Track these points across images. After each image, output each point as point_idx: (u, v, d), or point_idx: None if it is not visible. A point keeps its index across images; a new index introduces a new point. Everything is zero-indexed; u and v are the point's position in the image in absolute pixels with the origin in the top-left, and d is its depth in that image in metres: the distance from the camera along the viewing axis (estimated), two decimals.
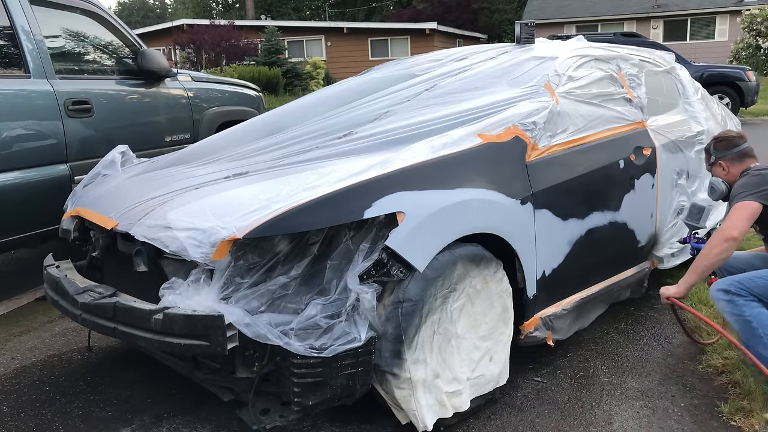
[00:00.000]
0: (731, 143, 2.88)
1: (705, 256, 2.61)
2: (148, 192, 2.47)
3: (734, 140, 2.89)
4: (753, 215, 2.56)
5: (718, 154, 2.88)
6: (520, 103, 2.75)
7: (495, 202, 2.38)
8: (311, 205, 2.03)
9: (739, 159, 2.83)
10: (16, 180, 3.36)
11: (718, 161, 2.89)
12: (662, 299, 2.79)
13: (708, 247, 2.61)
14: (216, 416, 2.47)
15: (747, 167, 2.80)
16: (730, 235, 2.53)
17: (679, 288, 2.72)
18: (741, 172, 2.79)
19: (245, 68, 17.34)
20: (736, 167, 2.83)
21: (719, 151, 2.88)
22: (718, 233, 2.58)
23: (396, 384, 2.11)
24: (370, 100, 3.08)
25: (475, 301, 2.34)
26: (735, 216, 2.57)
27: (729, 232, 2.53)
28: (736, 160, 2.83)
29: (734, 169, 2.84)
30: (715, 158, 2.89)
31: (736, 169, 2.83)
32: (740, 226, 2.54)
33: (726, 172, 2.86)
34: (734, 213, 2.59)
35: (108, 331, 2.18)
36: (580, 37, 3.95)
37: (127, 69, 4.25)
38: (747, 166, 2.81)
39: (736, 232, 2.53)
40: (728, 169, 2.85)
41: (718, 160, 2.88)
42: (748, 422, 2.34)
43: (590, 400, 2.56)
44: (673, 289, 2.74)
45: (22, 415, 2.53)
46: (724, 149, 2.87)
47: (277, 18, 32.05)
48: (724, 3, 24.12)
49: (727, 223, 2.58)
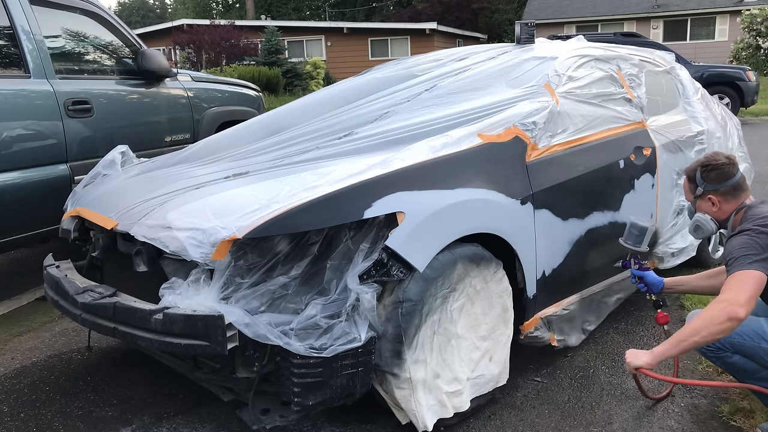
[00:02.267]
0: (724, 174, 2.35)
1: (697, 330, 2.06)
2: (148, 192, 2.47)
3: (727, 170, 2.36)
4: (760, 288, 2.08)
5: (709, 186, 2.37)
6: (520, 103, 2.75)
7: (495, 202, 2.38)
8: (311, 205, 2.03)
9: (734, 193, 2.34)
10: (16, 180, 3.36)
11: (707, 195, 2.38)
12: (628, 368, 2.20)
13: (703, 322, 2.06)
14: (216, 416, 2.47)
15: (741, 204, 2.34)
16: (737, 315, 2.01)
17: (652, 359, 2.16)
18: (735, 210, 2.34)
19: (245, 68, 17.35)
20: (730, 203, 2.35)
21: (710, 183, 2.37)
22: (720, 307, 2.04)
23: (396, 384, 2.11)
24: (370, 101, 3.07)
25: (475, 301, 2.34)
26: (741, 290, 2.06)
27: (735, 310, 2.01)
28: (730, 194, 2.34)
29: (727, 205, 2.35)
30: (704, 191, 2.38)
31: (729, 205, 2.35)
32: (747, 304, 2.03)
33: (717, 208, 2.36)
34: (739, 285, 2.07)
35: (108, 331, 2.17)
36: (580, 37, 3.95)
37: (127, 69, 4.25)
38: (741, 203, 2.34)
39: (743, 312, 2.01)
40: (720, 205, 2.36)
41: (708, 194, 2.37)
42: (748, 422, 2.35)
43: (590, 400, 2.56)
44: (644, 358, 2.17)
45: (22, 415, 2.53)
46: (716, 181, 2.35)
47: (277, 18, 32.08)
48: (724, 3, 24.12)
49: (730, 296, 2.05)
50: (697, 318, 2.10)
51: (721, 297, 2.09)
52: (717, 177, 2.36)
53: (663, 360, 2.19)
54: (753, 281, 2.07)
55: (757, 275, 2.07)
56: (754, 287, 2.06)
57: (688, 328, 2.10)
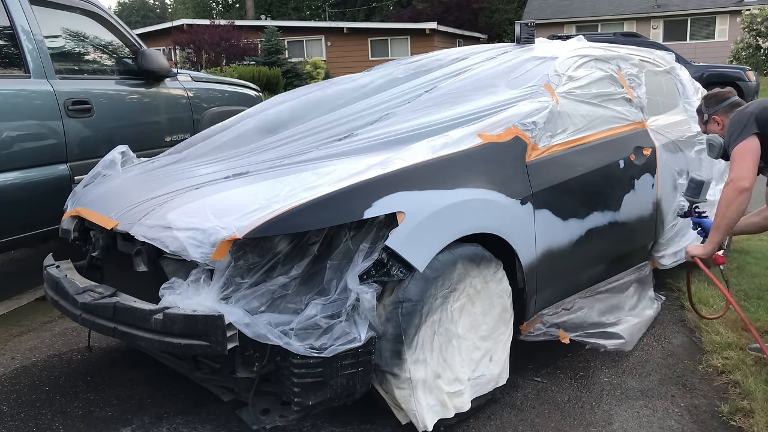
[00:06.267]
0: (721, 97, 2.87)
1: (722, 214, 2.56)
2: (148, 192, 2.47)
3: (724, 94, 2.88)
4: (755, 155, 2.50)
5: (711, 110, 2.88)
6: (520, 103, 2.75)
7: (495, 202, 2.38)
8: (311, 205, 2.03)
9: (732, 110, 2.79)
10: (16, 180, 3.35)
11: (711, 117, 2.88)
12: (687, 256, 2.78)
13: (723, 204, 2.55)
14: (216, 416, 2.47)
15: None
16: (742, 186, 2.47)
17: (705, 248, 2.70)
18: None
19: (245, 68, 17.35)
20: None
21: (711, 107, 2.88)
22: (728, 188, 2.52)
23: (396, 384, 2.11)
24: (370, 101, 3.07)
25: (475, 301, 2.34)
26: (738, 164, 2.51)
27: (740, 183, 2.48)
28: (730, 112, 2.80)
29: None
30: (708, 115, 2.88)
31: None
32: (748, 173, 2.47)
33: (721, 126, 2.83)
34: (736, 161, 2.52)
35: (108, 331, 2.17)
36: (580, 37, 3.95)
37: (127, 69, 4.25)
38: None
39: (746, 183, 2.47)
40: (723, 122, 2.82)
41: (712, 116, 2.87)
42: (748, 422, 2.34)
43: (590, 400, 2.56)
44: (699, 249, 2.72)
45: (22, 415, 2.53)
46: (716, 104, 2.87)
47: (277, 18, 32.06)
48: (724, 3, 24.11)
49: (733, 175, 2.51)
50: (719, 204, 2.59)
51: (727, 179, 2.56)
52: (716, 100, 2.88)
53: (715, 247, 2.67)
54: (748, 150, 2.50)
55: (749, 143, 2.50)
56: (750, 155, 2.50)
57: (717, 216, 2.60)
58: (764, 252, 4.30)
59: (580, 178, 2.78)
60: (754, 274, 3.80)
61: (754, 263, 4.05)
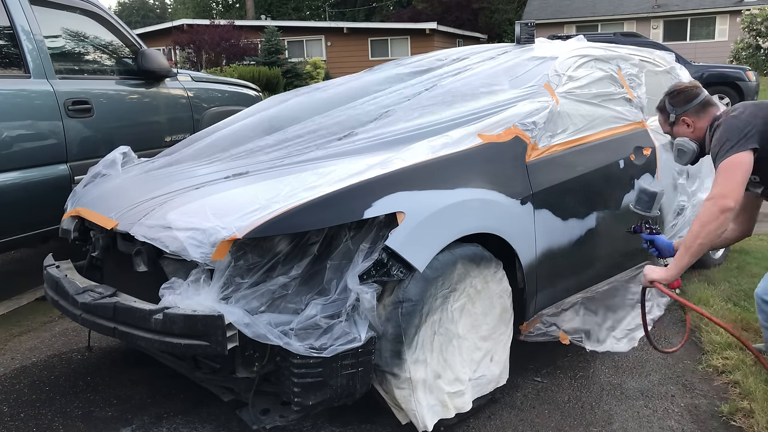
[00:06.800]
0: (690, 95, 2.49)
1: (697, 233, 2.17)
2: (148, 192, 2.47)
3: (692, 91, 2.50)
4: (746, 171, 2.13)
5: (679, 109, 2.50)
6: (520, 103, 2.75)
7: (495, 202, 2.38)
8: (311, 205, 2.03)
9: (704, 110, 2.47)
10: (16, 180, 3.35)
11: (680, 118, 2.51)
12: (644, 281, 2.34)
13: (700, 222, 2.17)
14: (216, 416, 2.47)
15: (714, 116, 2.43)
16: (726, 205, 2.09)
17: (669, 271, 2.28)
18: (709, 125, 2.42)
19: (245, 68, 17.34)
20: (702, 120, 2.47)
21: (679, 106, 2.50)
22: (710, 204, 2.15)
23: (396, 384, 2.11)
24: (370, 100, 3.07)
25: (475, 301, 2.34)
26: (726, 179, 2.14)
27: (723, 202, 2.09)
28: (701, 111, 2.46)
29: (700, 122, 2.47)
30: (676, 115, 2.51)
31: (702, 122, 2.46)
32: (734, 191, 2.10)
33: (692, 129, 2.49)
34: (723, 175, 2.16)
35: (108, 331, 2.17)
36: (580, 37, 3.95)
37: (127, 69, 4.25)
38: (713, 116, 2.44)
39: (731, 202, 2.10)
40: (694, 124, 2.48)
41: (681, 116, 2.50)
42: (748, 422, 2.34)
43: (590, 400, 2.56)
44: (661, 273, 2.28)
45: (22, 415, 2.53)
46: (684, 102, 2.49)
47: (277, 18, 32.05)
48: (724, 3, 24.11)
49: (717, 190, 2.14)
50: (695, 222, 2.20)
51: (710, 194, 2.18)
52: (684, 99, 2.50)
53: (679, 271, 2.25)
54: (739, 166, 2.14)
55: (741, 157, 2.14)
56: (740, 171, 2.13)
57: (690, 235, 2.20)
58: (764, 252, 4.31)
59: (580, 178, 2.78)
60: (754, 274, 3.80)
61: (754, 263, 4.05)
